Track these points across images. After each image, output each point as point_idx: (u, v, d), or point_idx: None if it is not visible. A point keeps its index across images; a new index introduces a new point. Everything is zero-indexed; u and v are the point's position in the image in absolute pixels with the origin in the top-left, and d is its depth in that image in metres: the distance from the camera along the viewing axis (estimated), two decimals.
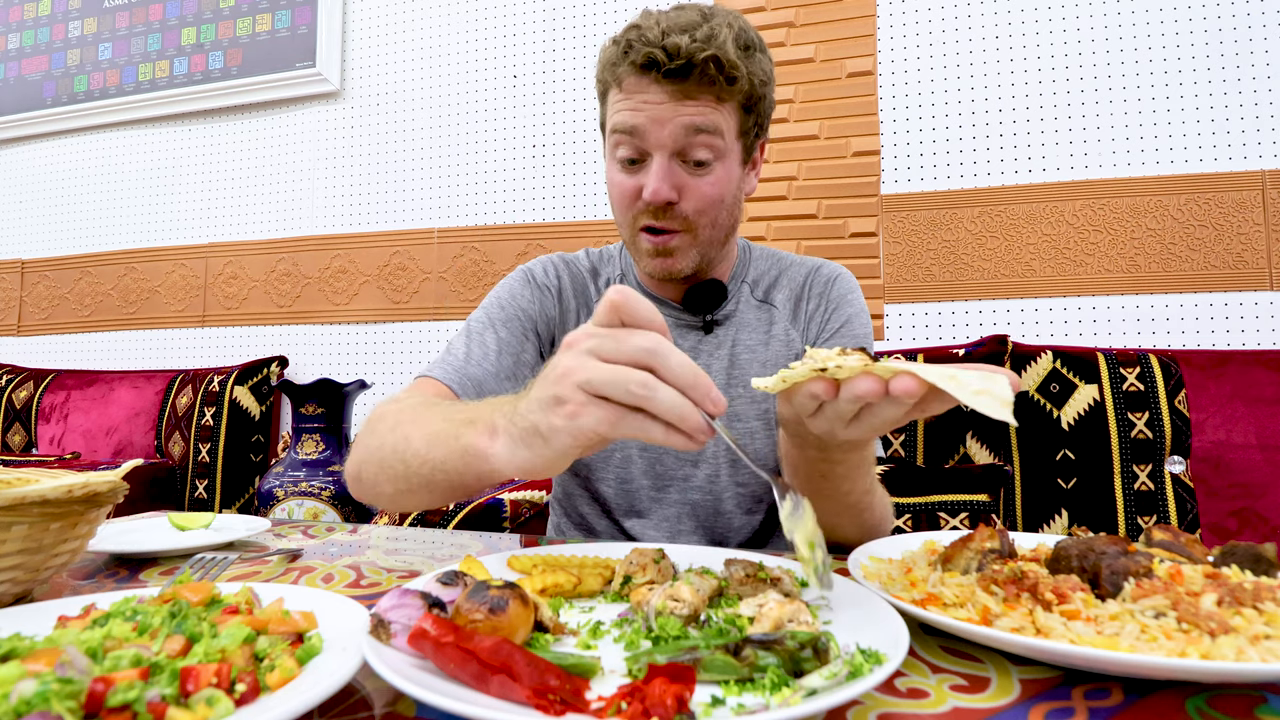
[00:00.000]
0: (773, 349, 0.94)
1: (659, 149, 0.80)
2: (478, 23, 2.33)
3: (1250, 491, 1.45)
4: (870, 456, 0.70)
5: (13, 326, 2.78)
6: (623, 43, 0.80)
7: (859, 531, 0.74)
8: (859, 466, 0.68)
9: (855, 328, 0.92)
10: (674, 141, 0.79)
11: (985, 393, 0.44)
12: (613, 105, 0.83)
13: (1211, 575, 0.47)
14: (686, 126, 0.79)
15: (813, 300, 0.95)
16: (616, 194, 0.85)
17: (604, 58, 0.83)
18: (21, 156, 2.83)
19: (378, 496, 0.73)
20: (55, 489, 0.54)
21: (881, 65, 1.96)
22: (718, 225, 0.86)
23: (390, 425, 0.70)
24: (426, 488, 0.65)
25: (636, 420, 0.47)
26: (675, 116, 0.78)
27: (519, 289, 0.94)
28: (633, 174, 0.83)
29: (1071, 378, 1.60)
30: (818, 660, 0.38)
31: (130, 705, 0.32)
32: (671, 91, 0.78)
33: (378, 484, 0.71)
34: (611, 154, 0.85)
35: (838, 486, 0.69)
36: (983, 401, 0.44)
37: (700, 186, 0.82)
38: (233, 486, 2.28)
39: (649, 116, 0.79)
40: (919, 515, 1.36)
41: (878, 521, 0.76)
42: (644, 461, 0.93)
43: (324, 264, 2.43)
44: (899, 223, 1.93)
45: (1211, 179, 1.73)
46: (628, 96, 0.80)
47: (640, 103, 0.79)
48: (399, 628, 0.40)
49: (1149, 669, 0.38)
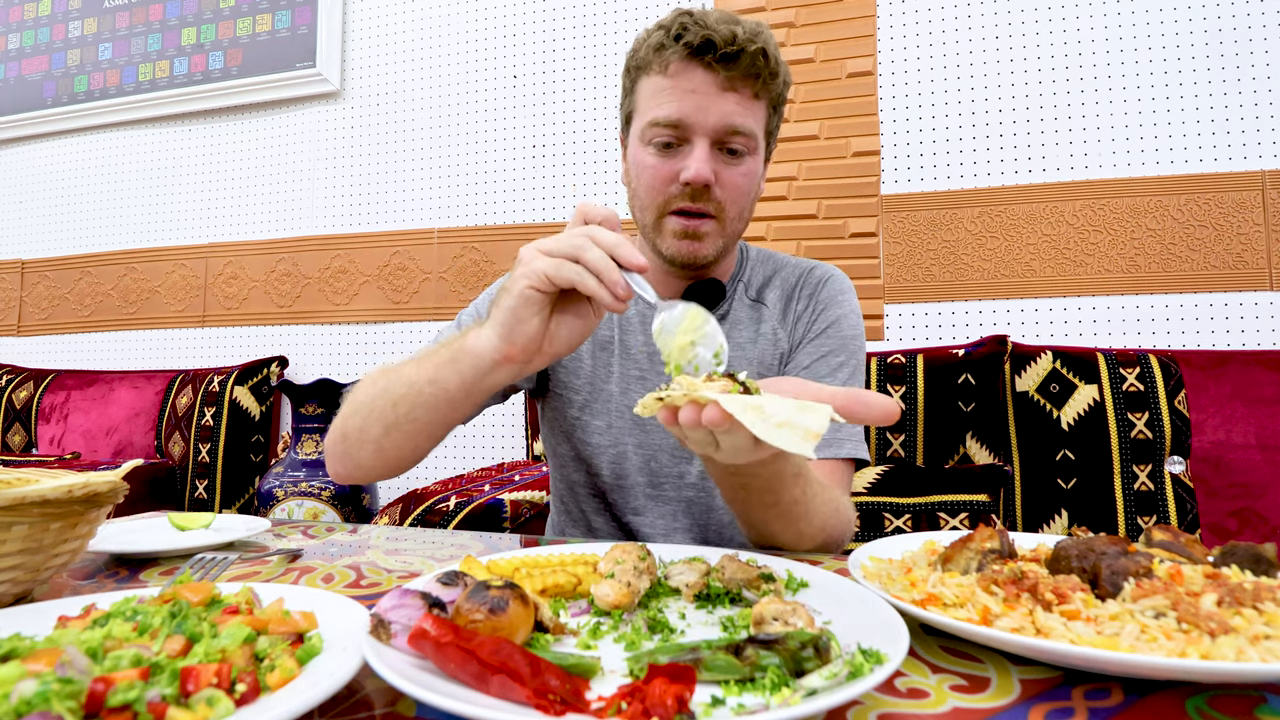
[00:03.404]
0: (760, 347, 0.94)
1: (702, 134, 0.81)
2: (478, 23, 2.33)
3: (1250, 491, 1.45)
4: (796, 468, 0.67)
5: (13, 326, 2.78)
6: (674, 27, 0.81)
7: (796, 538, 0.73)
8: (779, 478, 0.66)
9: (842, 329, 0.93)
10: (717, 129, 0.81)
11: (788, 424, 0.44)
12: (651, 93, 0.84)
13: (1211, 575, 0.47)
14: (730, 116, 0.81)
15: (802, 300, 0.96)
16: (648, 177, 0.85)
17: (649, 41, 0.84)
18: (21, 156, 2.83)
19: (363, 445, 0.77)
20: (55, 489, 0.54)
21: (881, 65, 1.97)
22: (742, 218, 0.88)
23: (373, 379, 0.78)
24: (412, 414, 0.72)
25: (574, 268, 0.60)
26: (721, 104, 0.81)
27: None
28: (668, 158, 0.84)
29: (1071, 378, 1.60)
30: (819, 660, 0.38)
31: (130, 705, 0.32)
32: (719, 79, 0.80)
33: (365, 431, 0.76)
34: (642, 139, 0.85)
35: (761, 497, 0.69)
36: (782, 435, 0.44)
37: (735, 176, 0.84)
38: (233, 487, 2.28)
39: (696, 103, 0.81)
40: (919, 515, 1.36)
41: (818, 529, 0.73)
42: (639, 458, 0.93)
43: (324, 264, 2.43)
44: (899, 223, 1.93)
45: (1211, 179, 1.73)
46: (673, 83, 0.81)
47: (687, 89, 0.81)
48: (399, 628, 0.40)
49: (1149, 669, 0.38)
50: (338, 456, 0.81)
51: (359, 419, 0.76)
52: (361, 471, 0.80)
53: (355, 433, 0.77)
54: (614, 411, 0.93)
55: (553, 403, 0.97)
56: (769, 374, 0.93)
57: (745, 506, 0.71)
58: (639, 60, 0.86)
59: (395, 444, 0.76)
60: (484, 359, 0.66)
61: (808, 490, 0.71)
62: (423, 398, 0.71)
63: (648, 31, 0.85)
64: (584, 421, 0.94)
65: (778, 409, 0.46)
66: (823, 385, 0.55)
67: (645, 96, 0.85)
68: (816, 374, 0.90)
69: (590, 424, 0.94)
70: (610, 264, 0.59)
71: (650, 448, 0.93)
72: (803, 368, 0.91)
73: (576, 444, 0.95)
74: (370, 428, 0.75)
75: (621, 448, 0.93)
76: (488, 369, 0.66)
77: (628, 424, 0.93)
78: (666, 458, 0.93)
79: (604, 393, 0.94)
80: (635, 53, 0.86)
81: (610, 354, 0.95)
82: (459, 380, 0.68)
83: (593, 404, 0.94)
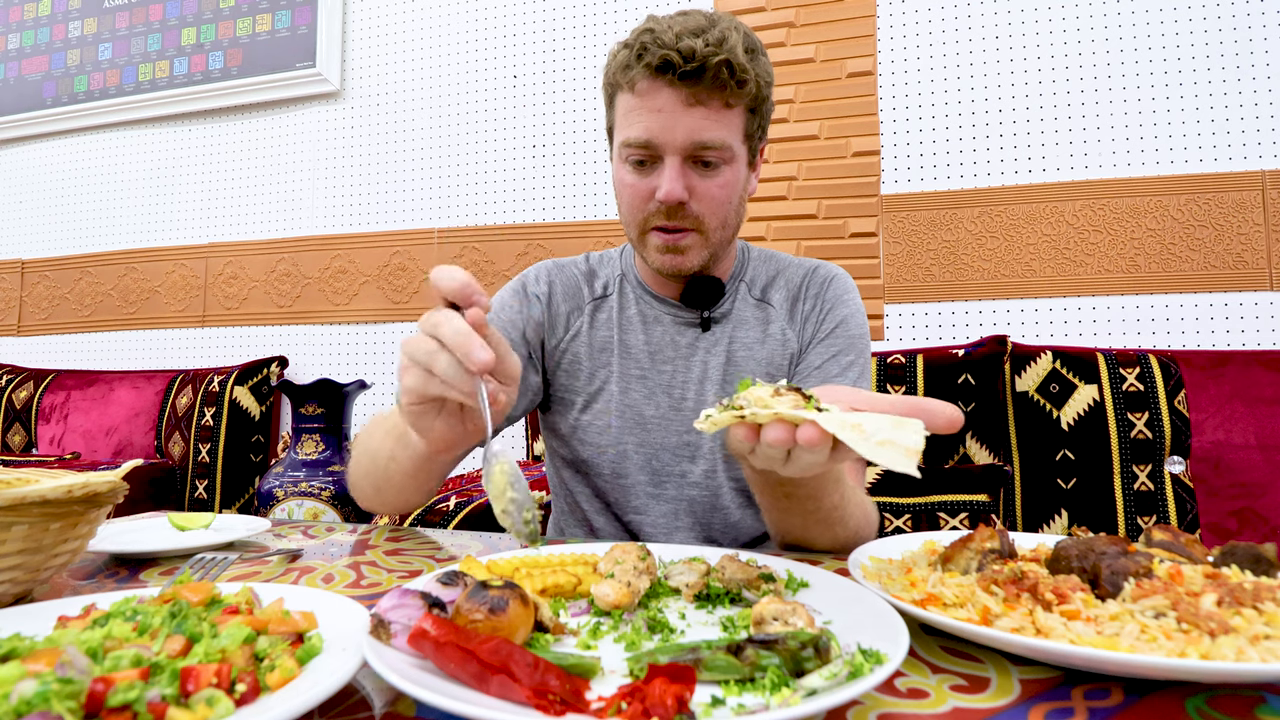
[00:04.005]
0: (769, 347, 0.94)
1: (672, 152, 0.81)
2: (478, 23, 2.33)
3: (1250, 491, 1.45)
4: (837, 475, 0.69)
5: (13, 326, 2.78)
6: (636, 46, 0.81)
7: (832, 542, 0.75)
8: (822, 486, 0.68)
9: (850, 329, 0.93)
10: (686, 146, 0.81)
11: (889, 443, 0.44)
12: (624, 112, 0.84)
13: (1211, 575, 0.47)
14: (698, 132, 0.80)
15: (809, 301, 0.96)
16: (627, 195, 0.87)
17: (615, 61, 0.84)
18: (21, 156, 2.83)
19: (363, 498, 0.86)
20: (55, 489, 0.54)
21: (881, 65, 1.97)
22: (727, 225, 0.88)
23: (368, 433, 0.83)
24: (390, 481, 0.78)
25: (436, 382, 0.57)
26: (688, 121, 0.80)
27: (508, 299, 0.98)
28: (643, 175, 0.85)
29: (1071, 378, 1.60)
30: (819, 660, 0.38)
31: (130, 705, 0.32)
32: (684, 95, 0.79)
33: (362, 486, 0.84)
34: (620, 157, 0.86)
35: (803, 505, 0.69)
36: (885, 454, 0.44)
37: (710, 188, 0.84)
38: (233, 487, 2.28)
39: (662, 123, 0.80)
40: (919, 515, 1.36)
41: (853, 533, 0.75)
42: (640, 457, 0.93)
43: (324, 264, 2.43)
44: (899, 223, 1.93)
45: (1211, 179, 1.73)
46: (640, 102, 0.82)
47: (654, 109, 0.81)
48: (399, 628, 0.40)
49: (1149, 669, 0.38)
50: (353, 494, 0.88)
51: (359, 473, 0.84)
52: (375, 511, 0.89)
53: (358, 483, 0.86)
54: (614, 411, 0.93)
55: (555, 408, 0.98)
56: (779, 375, 0.94)
57: (785, 514, 0.72)
58: (611, 79, 0.86)
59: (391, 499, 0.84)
60: (420, 450, 0.71)
61: (845, 495, 0.72)
62: (390, 472, 0.78)
63: (615, 49, 0.85)
64: (585, 422, 0.94)
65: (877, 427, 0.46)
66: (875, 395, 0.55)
67: (620, 114, 0.86)
68: (828, 373, 0.91)
69: (591, 424, 0.94)
70: (458, 376, 0.55)
71: (651, 446, 0.93)
72: (814, 368, 0.92)
73: (577, 444, 0.95)
74: (363, 485, 0.84)
75: (622, 447, 0.93)
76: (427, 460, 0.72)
77: (628, 423, 0.93)
78: (669, 456, 0.93)
79: (604, 393, 0.94)
80: (608, 70, 0.87)
81: (609, 354, 0.95)
82: (412, 462, 0.74)
83: (593, 404, 0.94)
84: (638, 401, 0.93)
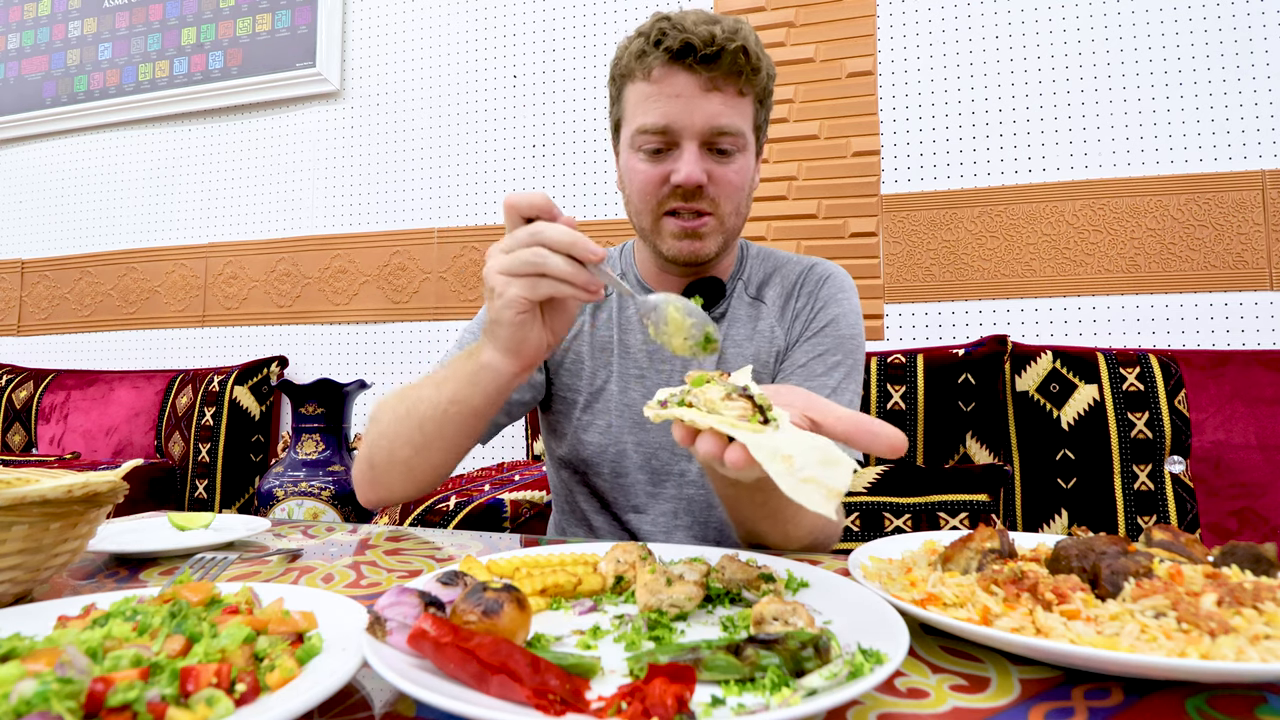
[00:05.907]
0: (756, 344, 0.94)
1: (690, 137, 0.82)
2: (478, 23, 2.33)
3: (1250, 491, 1.45)
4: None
5: (13, 326, 2.78)
6: (653, 33, 0.81)
7: (783, 539, 0.74)
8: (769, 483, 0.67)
9: (840, 328, 0.93)
10: (704, 131, 0.82)
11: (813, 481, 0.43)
12: (637, 100, 0.84)
13: (1211, 575, 0.47)
14: (716, 117, 0.81)
15: (801, 298, 0.96)
16: (640, 181, 0.86)
17: (629, 50, 0.85)
18: (21, 156, 2.83)
19: (392, 469, 0.80)
20: (55, 489, 0.54)
21: (881, 65, 1.97)
22: (739, 213, 0.88)
23: (394, 404, 0.80)
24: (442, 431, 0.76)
25: (547, 283, 0.62)
26: (706, 106, 0.81)
27: None
28: (658, 162, 0.84)
29: (1071, 378, 1.60)
30: (819, 660, 0.38)
31: (130, 705, 0.32)
32: (702, 80, 0.80)
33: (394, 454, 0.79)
34: (632, 146, 0.86)
35: (751, 497, 0.69)
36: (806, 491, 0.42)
37: (727, 174, 0.84)
38: (233, 486, 2.28)
39: (680, 108, 0.81)
40: (919, 515, 1.36)
41: (806, 532, 0.74)
42: (639, 456, 0.93)
43: (324, 264, 2.43)
44: (899, 223, 1.93)
45: (1211, 179, 1.73)
46: (657, 89, 0.82)
47: (671, 95, 0.81)
48: (395, 625, 0.40)
49: (1149, 669, 0.38)
50: (367, 483, 0.83)
51: (386, 443, 0.80)
52: (391, 494, 0.84)
53: (384, 457, 0.80)
54: (614, 410, 0.93)
55: (556, 407, 0.98)
56: (765, 370, 0.93)
57: (734, 504, 0.72)
58: (623, 68, 0.86)
59: (426, 462, 0.79)
60: (503, 374, 0.71)
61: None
62: (449, 417, 0.75)
63: (629, 39, 0.85)
64: (585, 422, 0.95)
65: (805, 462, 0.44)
66: (831, 405, 0.55)
67: (632, 104, 0.85)
68: (812, 372, 0.90)
69: (591, 424, 0.94)
70: (575, 269, 0.62)
71: (650, 445, 0.93)
72: (799, 365, 0.91)
73: (577, 444, 0.95)
74: (399, 450, 0.79)
75: (621, 446, 0.93)
76: (508, 382, 0.72)
77: (627, 423, 0.93)
78: (667, 455, 0.93)
79: (605, 392, 0.94)
80: (619, 61, 0.87)
81: (610, 354, 0.95)
82: (483, 396, 0.73)
83: (594, 404, 0.94)
84: (637, 401, 0.93)
